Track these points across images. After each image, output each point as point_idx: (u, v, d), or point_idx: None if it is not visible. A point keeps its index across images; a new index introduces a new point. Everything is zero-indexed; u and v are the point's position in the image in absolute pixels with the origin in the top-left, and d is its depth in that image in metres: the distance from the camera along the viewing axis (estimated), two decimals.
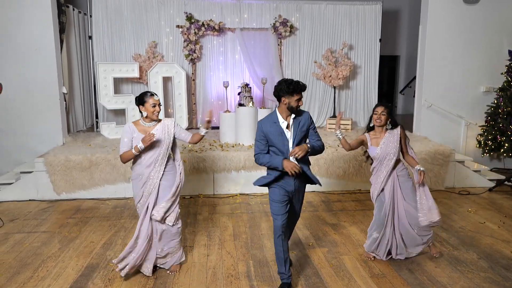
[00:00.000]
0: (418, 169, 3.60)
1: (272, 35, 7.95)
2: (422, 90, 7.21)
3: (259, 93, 7.85)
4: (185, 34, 7.67)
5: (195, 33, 7.64)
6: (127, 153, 3.39)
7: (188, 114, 7.51)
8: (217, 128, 7.14)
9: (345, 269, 3.67)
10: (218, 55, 8.02)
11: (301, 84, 3.14)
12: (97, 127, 7.70)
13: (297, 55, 8.14)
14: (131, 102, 6.94)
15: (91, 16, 7.55)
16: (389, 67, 11.14)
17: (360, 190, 6.00)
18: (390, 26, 9.98)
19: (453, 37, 7.04)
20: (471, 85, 7.17)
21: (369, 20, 8.08)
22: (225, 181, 5.87)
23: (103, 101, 7.05)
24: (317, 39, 8.09)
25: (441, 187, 6.06)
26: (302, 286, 3.39)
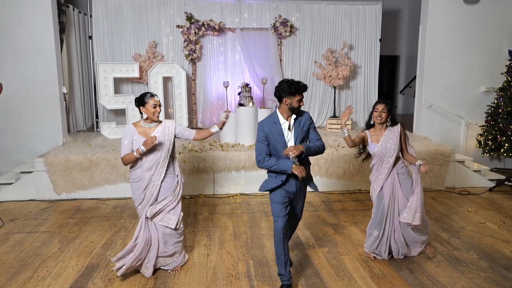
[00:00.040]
0: (419, 163, 3.55)
1: (272, 35, 7.95)
2: (422, 90, 7.22)
3: (259, 93, 7.85)
4: (185, 34, 7.67)
5: (195, 33, 7.64)
6: (128, 155, 3.36)
7: (188, 114, 7.51)
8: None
9: (345, 269, 3.67)
10: (218, 55, 8.02)
11: (302, 84, 3.13)
12: (97, 127, 7.71)
13: (297, 55, 8.14)
14: (131, 102, 6.93)
15: (91, 16, 7.55)
16: (389, 67, 11.14)
17: (360, 190, 6.00)
18: (390, 26, 9.98)
19: (453, 37, 7.05)
20: (471, 85, 7.17)
21: (369, 20, 8.08)
22: (225, 181, 5.87)
23: (103, 101, 7.05)
24: (317, 39, 8.09)
25: (441, 187, 6.06)
26: (302, 286, 3.39)
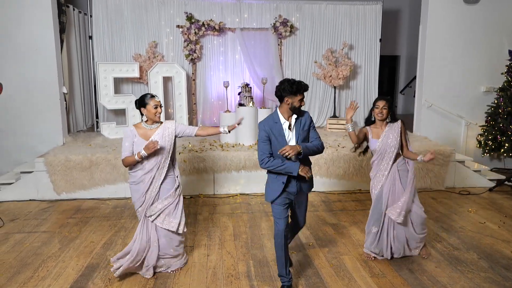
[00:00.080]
0: (421, 158, 3.56)
1: (272, 35, 7.95)
2: (422, 90, 7.22)
3: (259, 93, 7.85)
4: (185, 34, 7.67)
5: (195, 33, 7.64)
6: (129, 158, 3.35)
7: (188, 114, 7.51)
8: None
9: (345, 269, 3.67)
10: (218, 55, 8.02)
11: (303, 84, 3.12)
12: (97, 127, 7.71)
13: (297, 55, 8.14)
14: (131, 102, 6.92)
15: (91, 16, 7.55)
16: (389, 67, 11.14)
17: (360, 190, 6.00)
18: (390, 26, 9.98)
19: (453, 37, 7.05)
20: (471, 85, 7.17)
21: (369, 20, 8.09)
22: (225, 181, 5.87)
23: (103, 101, 7.05)
24: (317, 39, 8.09)
25: (441, 187, 6.06)
26: (302, 286, 3.39)
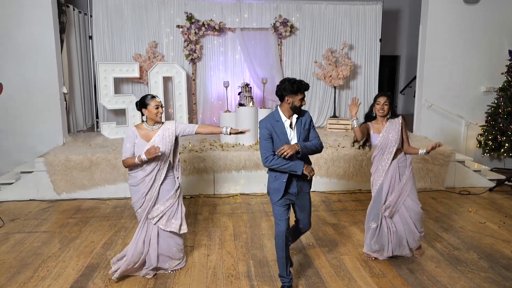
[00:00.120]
0: (423, 152, 3.59)
1: (272, 35, 7.95)
2: (422, 90, 7.22)
3: (259, 93, 7.85)
4: (186, 34, 7.67)
5: (195, 33, 7.64)
6: (130, 160, 3.35)
7: (188, 114, 7.51)
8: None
9: (345, 269, 3.67)
10: (218, 55, 8.02)
11: (304, 83, 3.10)
12: (97, 127, 7.71)
13: (297, 55, 8.14)
14: (131, 102, 6.94)
15: (91, 16, 7.55)
16: (389, 67, 11.14)
17: (360, 190, 6.00)
18: (390, 26, 9.98)
19: (453, 37, 7.05)
20: (471, 85, 7.17)
21: (370, 20, 8.08)
22: (225, 181, 5.87)
23: (103, 101, 7.05)
24: (317, 39, 8.09)
25: (442, 187, 6.06)
26: (302, 286, 3.39)
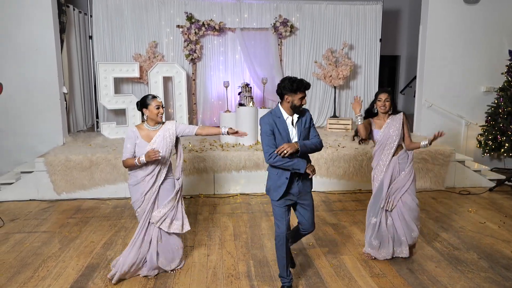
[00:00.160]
0: (425, 144, 3.59)
1: (272, 35, 7.95)
2: (422, 90, 7.22)
3: (259, 93, 7.85)
4: (186, 34, 7.67)
5: (195, 33, 7.64)
6: (130, 160, 3.34)
7: (188, 114, 7.51)
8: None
9: (345, 269, 3.67)
10: (218, 55, 8.02)
11: (305, 82, 3.05)
12: (97, 127, 7.71)
13: (298, 55, 8.14)
14: (132, 102, 6.94)
15: (91, 16, 7.55)
16: (389, 67, 11.13)
17: (360, 190, 6.00)
18: (390, 26, 9.97)
19: (454, 37, 7.05)
20: (472, 85, 7.17)
21: (370, 20, 8.09)
22: (225, 181, 5.87)
23: (103, 101, 7.05)
24: (318, 39, 8.09)
25: (442, 187, 6.06)
26: (302, 286, 3.39)
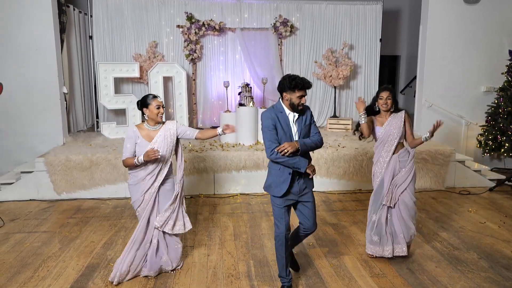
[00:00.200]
0: (426, 137, 3.62)
1: (272, 35, 7.95)
2: (422, 90, 7.22)
3: (259, 93, 7.85)
4: (186, 34, 7.67)
5: (195, 33, 7.64)
6: (130, 160, 3.34)
7: (188, 114, 7.51)
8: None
9: (345, 269, 3.67)
10: (218, 55, 8.02)
11: (305, 81, 3.01)
12: (97, 127, 7.71)
13: (298, 55, 8.14)
14: (132, 102, 6.94)
15: (91, 16, 7.55)
16: (389, 67, 11.12)
17: (360, 190, 6.00)
18: (390, 26, 9.97)
19: (454, 37, 7.05)
20: (472, 85, 7.18)
21: (370, 20, 8.09)
22: (225, 181, 5.87)
23: (103, 101, 7.05)
24: (318, 39, 8.09)
25: (442, 187, 6.06)
26: (302, 286, 3.39)
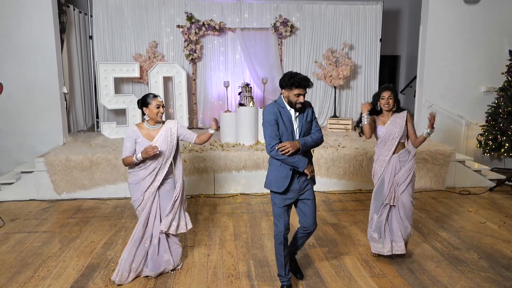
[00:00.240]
0: (427, 131, 3.65)
1: (272, 35, 7.95)
2: (422, 90, 7.22)
3: (259, 93, 7.85)
4: (186, 34, 7.67)
5: (195, 33, 7.64)
6: (129, 158, 3.35)
7: (188, 114, 7.51)
8: (218, 128, 7.12)
9: (345, 269, 3.67)
10: (218, 55, 8.02)
11: (304, 79, 2.95)
12: (97, 127, 7.71)
13: (298, 55, 8.14)
14: (132, 102, 6.95)
15: (91, 16, 7.56)
16: (389, 67, 11.12)
17: (360, 190, 6.00)
18: (390, 26, 9.97)
19: (454, 37, 7.05)
20: (472, 85, 7.18)
21: (370, 20, 8.09)
22: (225, 181, 5.87)
23: (103, 101, 7.05)
24: (318, 39, 8.09)
25: (442, 187, 6.06)
26: (302, 285, 3.39)
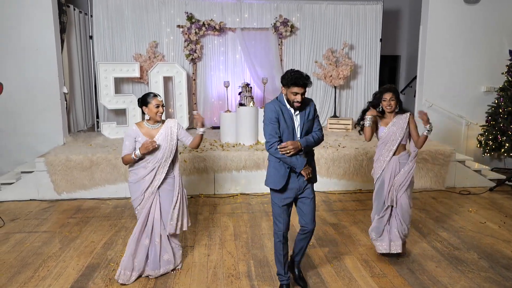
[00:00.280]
0: (426, 128, 3.63)
1: (272, 35, 7.95)
2: (422, 90, 7.22)
3: (259, 93, 7.85)
4: (186, 34, 7.67)
5: (195, 33, 7.64)
6: (128, 156, 3.35)
7: (188, 114, 7.51)
8: (218, 128, 7.13)
9: (345, 268, 3.67)
10: (218, 55, 8.02)
11: (301, 78, 2.91)
12: (97, 127, 7.71)
13: (298, 55, 8.15)
14: (132, 102, 6.95)
15: (91, 16, 7.56)
16: (389, 67, 11.12)
17: (360, 190, 6.00)
18: (390, 26, 9.96)
19: (454, 37, 7.05)
20: (472, 85, 7.18)
21: (370, 20, 8.09)
22: (225, 181, 5.87)
23: (103, 101, 7.06)
24: (318, 39, 8.09)
25: (442, 187, 6.06)
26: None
